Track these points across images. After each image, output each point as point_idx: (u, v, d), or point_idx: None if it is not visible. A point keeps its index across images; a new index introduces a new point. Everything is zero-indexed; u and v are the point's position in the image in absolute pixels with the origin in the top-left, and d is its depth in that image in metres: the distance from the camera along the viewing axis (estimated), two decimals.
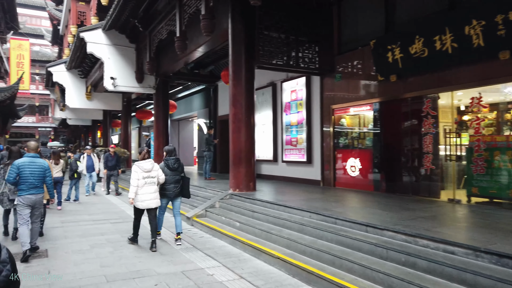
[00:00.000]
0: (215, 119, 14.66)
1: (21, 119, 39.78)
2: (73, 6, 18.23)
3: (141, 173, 5.62)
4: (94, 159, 11.76)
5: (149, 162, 5.76)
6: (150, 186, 5.67)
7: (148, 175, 5.66)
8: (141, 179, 5.61)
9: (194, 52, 10.41)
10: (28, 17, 47.04)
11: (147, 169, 5.67)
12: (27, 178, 5.19)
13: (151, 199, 5.69)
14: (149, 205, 5.70)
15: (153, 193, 5.71)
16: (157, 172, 5.79)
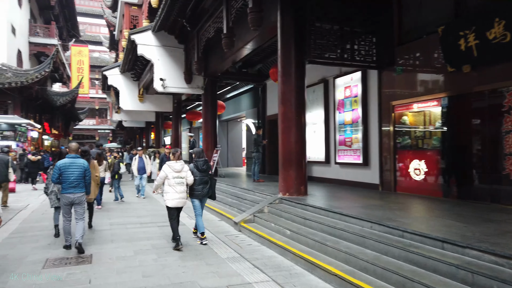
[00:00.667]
0: (263, 119, 14.24)
1: (82, 122, 42.33)
2: (126, 11, 18.76)
3: (171, 173, 5.81)
4: (146, 161, 11.72)
5: (179, 163, 5.97)
6: (179, 186, 5.85)
7: (178, 175, 5.85)
8: (170, 178, 5.80)
9: (241, 50, 10.04)
10: (88, 25, 49.91)
11: (177, 169, 5.87)
12: (68, 177, 5.51)
13: (180, 198, 5.85)
14: (178, 204, 5.86)
15: (182, 193, 5.88)
16: (186, 173, 5.97)
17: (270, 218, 6.75)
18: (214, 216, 8.51)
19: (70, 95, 25.23)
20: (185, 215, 7.57)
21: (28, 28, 24.40)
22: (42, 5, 27.88)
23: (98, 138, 51.02)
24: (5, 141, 16.19)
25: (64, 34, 34.03)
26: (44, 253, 5.43)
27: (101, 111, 51.05)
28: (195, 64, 11.82)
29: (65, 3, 30.93)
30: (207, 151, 13.26)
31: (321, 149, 10.36)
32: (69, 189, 5.52)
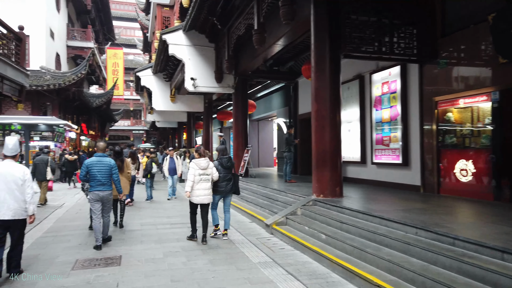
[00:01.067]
0: (295, 118, 13.89)
1: (118, 123, 43.52)
2: (158, 12, 18.96)
3: (197, 170, 6.00)
4: (177, 162, 11.56)
5: (205, 160, 6.10)
6: (205, 182, 6.04)
7: (203, 172, 6.03)
8: (197, 175, 5.99)
9: (273, 47, 9.75)
10: (123, 28, 51.29)
11: (203, 166, 6.03)
12: (95, 175, 5.73)
13: (204, 195, 6.03)
14: (202, 201, 6.05)
15: (207, 190, 6.05)
16: (211, 170, 6.15)
17: (303, 220, 6.42)
18: (245, 217, 8.28)
19: (105, 97, 25.90)
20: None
21: (66, 32, 25.28)
22: (79, 10, 28.83)
23: (133, 139, 52.34)
24: (43, 141, 16.74)
25: (100, 38, 35.09)
26: (74, 254, 5.39)
27: (135, 112, 52.33)
28: (225, 63, 11.66)
29: (101, 7, 31.85)
30: (238, 151, 13.10)
31: (356, 148, 9.90)
32: (97, 187, 5.74)
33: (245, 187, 10.87)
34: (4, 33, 8.88)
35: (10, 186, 4.35)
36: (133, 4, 45.65)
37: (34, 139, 16.81)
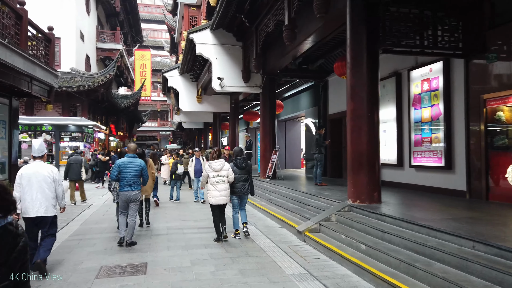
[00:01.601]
0: (324, 118, 13.38)
1: (145, 124, 44.17)
2: (186, 12, 18.89)
3: (210, 172, 6.19)
4: (203, 163, 11.25)
5: (218, 162, 6.27)
6: (220, 184, 6.17)
7: (217, 174, 6.17)
8: (211, 177, 6.19)
9: (303, 43, 9.33)
10: (151, 30, 52.05)
11: (217, 168, 6.19)
12: (126, 175, 5.92)
13: (220, 196, 6.16)
14: (218, 202, 6.18)
15: (222, 191, 6.18)
16: (227, 171, 6.25)
17: (339, 228, 5.97)
18: (274, 222, 7.89)
19: (133, 98, 26.17)
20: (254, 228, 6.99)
21: (95, 34, 25.72)
22: (108, 12, 29.32)
23: (160, 139, 53.03)
24: (73, 142, 16.97)
25: (129, 40, 35.63)
26: (99, 259, 5.17)
27: (162, 113, 53.02)
28: (253, 61, 11.33)
29: (130, 9, 32.30)
30: (266, 152, 12.73)
31: (392, 150, 9.31)
32: (126, 187, 5.92)
33: (274, 190, 10.49)
34: (33, 34, 8.89)
35: (41, 185, 4.67)
36: (160, 7, 46.25)
37: (64, 139, 17.07)
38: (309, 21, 8.36)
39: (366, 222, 5.65)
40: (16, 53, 7.40)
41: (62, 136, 17.02)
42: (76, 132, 17.19)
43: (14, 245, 1.63)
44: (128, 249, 5.70)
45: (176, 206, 10.16)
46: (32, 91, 8.69)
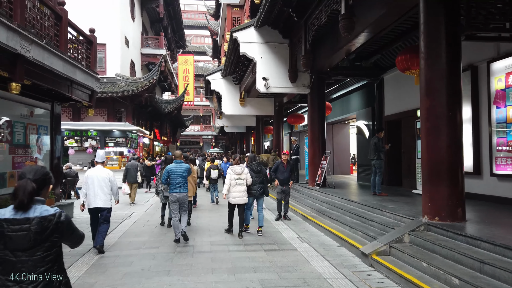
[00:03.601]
0: (380, 120, 12.16)
1: (188, 129, 44.49)
2: (228, 13, 18.39)
3: (233, 175, 7.03)
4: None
5: (240, 166, 7.16)
6: (240, 186, 7.03)
7: (238, 177, 7.05)
8: (232, 180, 7.01)
9: (359, 36, 8.28)
10: (193, 36, 52.63)
11: (238, 172, 7.07)
12: (175, 179, 6.62)
13: (240, 196, 7.02)
14: (238, 201, 7.02)
15: (242, 192, 7.05)
16: (246, 175, 7.13)
17: (416, 252, 4.90)
18: (330, 239, 6.91)
19: (176, 103, 26.14)
20: (309, 247, 6.11)
21: (140, 40, 25.99)
22: (152, 18, 29.66)
23: (202, 144, 53.36)
24: (117, 147, 16.92)
25: (172, 45, 35.99)
26: (134, 284, 4.48)
27: (205, 118, 53.31)
28: (302, 59, 10.42)
29: (173, 15, 32.55)
30: (314, 158, 11.75)
31: (468, 155, 7.98)
32: (175, 189, 6.61)
33: (325, 200, 9.49)
34: (74, 36, 8.60)
35: (100, 184, 6.05)
36: (203, 12, 46.60)
37: (108, 145, 17.07)
38: (369, 8, 7.34)
39: (454, 247, 4.54)
40: (55, 55, 7.04)
41: (107, 141, 17.03)
42: (120, 137, 17.14)
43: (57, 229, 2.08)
44: (168, 270, 4.99)
45: (220, 214, 9.44)
46: (72, 95, 8.36)
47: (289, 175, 8.61)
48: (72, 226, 2.18)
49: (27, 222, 1.99)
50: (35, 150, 8.44)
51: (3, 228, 1.97)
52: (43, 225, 2.02)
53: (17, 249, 1.97)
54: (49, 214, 2.06)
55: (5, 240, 1.96)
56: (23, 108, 7.93)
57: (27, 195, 2.04)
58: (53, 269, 2.07)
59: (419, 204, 6.55)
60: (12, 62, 5.87)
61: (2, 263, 1.97)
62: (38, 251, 2.01)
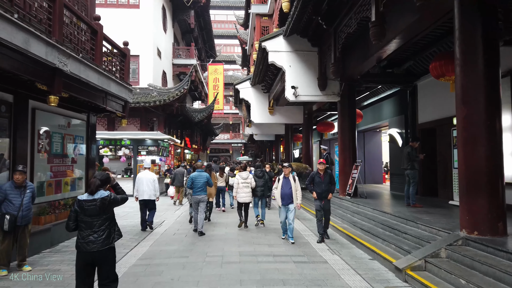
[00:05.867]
0: (413, 128, 11.79)
1: (218, 137, 44.95)
2: (257, 23, 18.54)
3: (240, 179, 9.01)
4: (295, 185, 9.44)
5: (245, 173, 9.21)
6: (245, 188, 8.97)
7: (244, 181, 8.99)
8: (240, 183, 8.97)
9: (391, 43, 8.08)
10: (223, 45, 53.48)
11: (244, 177, 9.04)
12: (196, 184, 8.39)
13: (245, 196, 8.95)
14: (244, 200, 8.96)
15: (247, 193, 8.97)
16: (251, 179, 9.10)
17: (453, 268, 4.66)
18: (362, 251, 6.71)
19: (206, 111, 26.51)
20: (339, 259, 5.95)
21: (171, 51, 26.65)
22: (184, 29, 30.37)
23: (232, 152, 53.74)
24: (150, 155, 17.31)
25: (203, 55, 36.67)
26: None
27: (234, 126, 53.75)
28: (331, 67, 10.31)
29: (203, 25, 33.21)
30: (345, 167, 11.52)
31: (508, 165, 7.57)
32: (197, 192, 8.39)
33: (357, 211, 9.26)
34: (109, 49, 8.92)
35: (148, 183, 8.75)
36: (232, 22, 47.27)
37: (141, 153, 17.50)
38: (400, 14, 7.17)
39: (494, 263, 4.29)
40: (90, 68, 7.32)
41: (139, 150, 17.47)
42: (152, 146, 17.55)
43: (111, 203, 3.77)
44: (197, 281, 5.01)
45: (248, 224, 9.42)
46: (107, 106, 8.65)
47: (328, 187, 7.55)
48: (117, 200, 3.85)
49: (95, 201, 3.69)
50: (73, 159, 8.77)
51: (83, 204, 3.68)
52: (103, 202, 3.71)
53: (91, 215, 3.68)
54: (105, 196, 3.75)
55: (84, 210, 3.67)
56: (61, 119, 8.29)
57: (95, 187, 3.75)
58: (110, 224, 3.79)
59: (456, 216, 6.26)
60: (51, 76, 6.14)
61: (85, 223, 3.67)
62: (102, 215, 3.71)
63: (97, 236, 3.63)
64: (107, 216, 3.74)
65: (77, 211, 3.69)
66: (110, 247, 3.72)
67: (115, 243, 3.82)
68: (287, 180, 7.58)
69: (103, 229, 3.68)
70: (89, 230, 3.64)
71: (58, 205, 7.82)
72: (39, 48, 5.59)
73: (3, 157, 6.35)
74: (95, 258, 3.64)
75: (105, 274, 3.71)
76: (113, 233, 3.78)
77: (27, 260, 5.72)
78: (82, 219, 3.67)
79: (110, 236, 3.72)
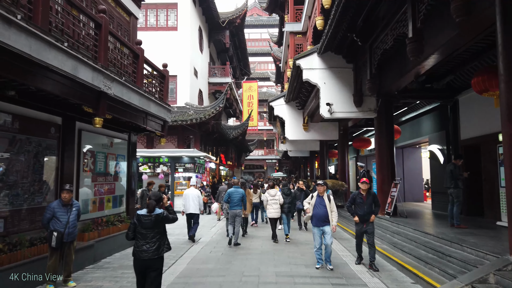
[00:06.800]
0: (455, 144, 11.32)
1: (252, 153, 45.22)
2: (291, 40, 18.71)
3: (269, 197, 9.83)
4: (330, 205, 9.01)
5: (274, 190, 9.95)
6: (274, 204, 9.75)
7: (272, 198, 9.77)
8: (269, 200, 9.80)
9: (430, 58, 7.89)
10: (257, 63, 54.25)
11: (273, 194, 9.81)
12: (233, 199, 9.20)
13: (274, 212, 9.72)
14: (273, 216, 9.73)
15: (276, 209, 9.74)
16: (279, 196, 9.82)
17: None
18: (403, 274, 6.44)
19: (241, 128, 26.82)
20: (380, 283, 5.74)
21: (207, 70, 27.38)
22: (219, 49, 31.19)
23: (266, 168, 53.73)
24: (186, 173, 17.68)
25: (237, 73, 37.39)
26: None
27: (268, 142, 53.87)
28: (367, 83, 10.18)
29: (238, 45, 33.97)
30: (383, 185, 11.18)
31: None
32: (233, 207, 9.19)
33: (397, 231, 8.94)
34: (149, 71, 9.33)
35: (193, 198, 9.64)
36: (266, 40, 48.03)
37: (178, 170, 17.92)
38: (438, 30, 7.01)
39: None
40: (132, 90, 7.66)
41: (176, 167, 17.90)
42: (189, 163, 17.93)
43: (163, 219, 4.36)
44: None
45: (285, 242, 9.34)
46: (147, 126, 8.98)
47: (370, 208, 6.90)
48: (168, 218, 4.45)
49: (150, 216, 4.28)
50: (115, 177, 9.14)
51: (141, 218, 4.27)
52: (156, 218, 4.29)
53: (146, 228, 4.25)
54: (159, 213, 4.33)
55: (141, 223, 4.25)
56: (104, 139, 8.70)
57: (152, 207, 4.32)
58: (161, 238, 4.34)
59: (505, 238, 5.93)
60: (96, 99, 6.49)
61: (141, 234, 4.25)
62: (154, 229, 4.28)
63: (149, 246, 4.18)
64: (158, 230, 4.29)
65: (135, 224, 4.29)
66: (159, 256, 4.26)
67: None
68: (321, 199, 7.00)
69: (154, 241, 4.22)
70: (143, 241, 4.21)
71: (101, 222, 8.13)
72: (86, 73, 5.94)
73: (47, 183, 6.69)
74: (146, 265, 4.19)
75: (151, 281, 4.21)
76: (162, 246, 4.31)
77: (72, 276, 5.96)
78: (139, 231, 4.25)
79: (159, 248, 4.25)
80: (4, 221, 5.69)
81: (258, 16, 55.37)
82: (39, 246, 6.01)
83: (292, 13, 19.52)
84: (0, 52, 4.30)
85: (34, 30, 4.65)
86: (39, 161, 6.46)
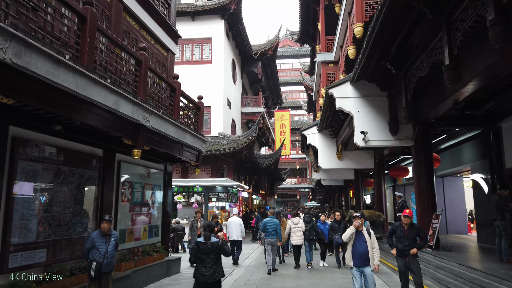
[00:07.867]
0: (500, 173, 10.72)
1: (285, 182, 44.88)
2: (323, 70, 18.81)
3: (292, 225, 10.48)
4: (369, 240, 7.40)
5: (297, 218, 10.70)
6: (298, 232, 10.37)
7: (295, 226, 10.44)
8: (292, 228, 10.43)
9: (467, 86, 7.65)
10: (289, 92, 54.83)
11: (295, 222, 10.51)
12: (268, 228, 9.83)
13: (297, 239, 10.35)
14: (297, 243, 10.38)
15: (299, 236, 10.35)
16: (302, 224, 10.50)
17: None
18: None
19: (273, 157, 26.85)
20: None
21: (240, 100, 27.95)
22: (251, 80, 31.89)
23: (299, 197, 53.02)
24: (219, 202, 17.75)
25: (269, 103, 37.87)
26: None
27: (301, 171, 53.41)
28: (402, 111, 9.98)
29: (270, 75, 34.59)
30: (423, 216, 10.68)
31: None
32: (269, 236, 9.79)
33: (440, 266, 8.44)
34: (185, 103, 9.64)
35: (236, 226, 11.05)
36: (298, 69, 48.66)
37: (212, 200, 18.03)
38: (476, 56, 6.83)
39: None
40: (169, 123, 7.92)
41: (210, 196, 18.04)
42: (222, 192, 18.03)
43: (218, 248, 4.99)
44: None
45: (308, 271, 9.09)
46: (182, 157, 9.19)
47: (411, 241, 6.41)
48: (224, 248, 5.01)
49: (207, 244, 4.89)
50: (151, 206, 9.32)
51: (199, 245, 4.92)
52: (213, 246, 4.87)
53: (203, 253, 4.86)
54: (215, 241, 4.93)
55: (200, 250, 4.88)
56: (141, 170, 8.95)
57: (207, 237, 4.92)
58: (217, 263, 4.91)
59: None
60: (135, 131, 6.75)
61: (200, 259, 4.87)
62: (211, 255, 4.85)
63: (205, 270, 4.78)
64: (214, 257, 4.87)
65: (195, 249, 4.94)
66: (214, 281, 4.85)
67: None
68: (360, 235, 6.14)
69: (209, 267, 4.79)
70: (201, 265, 4.83)
71: (137, 252, 8.24)
72: (127, 107, 6.22)
73: (87, 213, 6.91)
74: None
75: None
76: (217, 272, 4.86)
77: None
78: (199, 256, 4.87)
79: (215, 273, 4.81)
80: (47, 250, 5.89)
81: (289, 47, 56.50)
82: (78, 276, 6.15)
83: (324, 43, 19.74)
84: (49, 90, 4.61)
85: (80, 69, 4.96)
86: (80, 192, 6.72)
